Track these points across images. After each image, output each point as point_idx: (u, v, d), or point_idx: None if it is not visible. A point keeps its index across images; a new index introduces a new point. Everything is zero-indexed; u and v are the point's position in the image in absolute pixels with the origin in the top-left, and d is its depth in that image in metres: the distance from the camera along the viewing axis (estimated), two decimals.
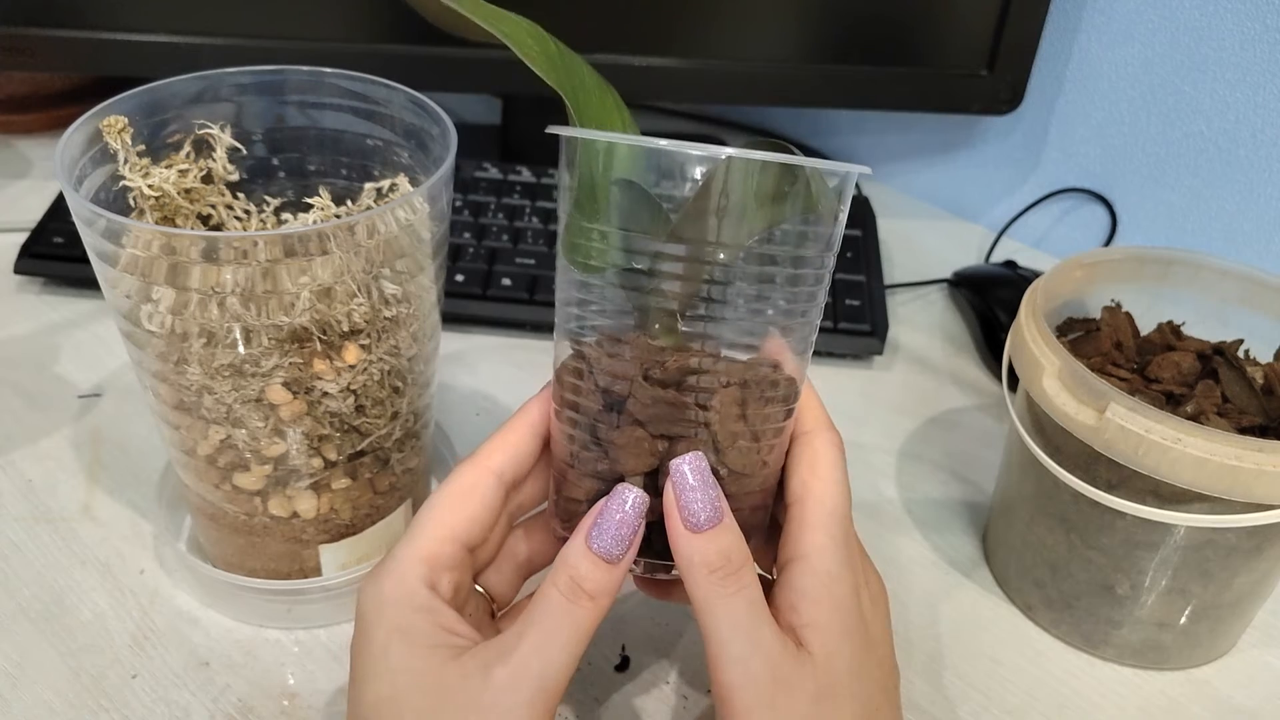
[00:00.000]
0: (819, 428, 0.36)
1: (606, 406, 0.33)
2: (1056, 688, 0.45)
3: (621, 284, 0.33)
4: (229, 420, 0.38)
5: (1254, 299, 0.48)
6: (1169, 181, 0.69)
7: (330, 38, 0.66)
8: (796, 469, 0.35)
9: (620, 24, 0.66)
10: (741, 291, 0.32)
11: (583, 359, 0.34)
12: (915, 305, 0.69)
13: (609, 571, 0.32)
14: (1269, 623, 0.48)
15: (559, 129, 0.33)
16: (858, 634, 0.33)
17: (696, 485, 0.32)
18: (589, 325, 0.34)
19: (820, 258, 0.33)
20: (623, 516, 0.32)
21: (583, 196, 0.32)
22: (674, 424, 0.33)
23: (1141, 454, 0.39)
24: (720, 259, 0.31)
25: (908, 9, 0.66)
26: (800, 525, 0.34)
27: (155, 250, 0.35)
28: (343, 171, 0.45)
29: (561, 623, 0.32)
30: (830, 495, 0.34)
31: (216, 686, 0.43)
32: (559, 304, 0.35)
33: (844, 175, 0.32)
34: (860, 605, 0.34)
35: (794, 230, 0.32)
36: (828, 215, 0.33)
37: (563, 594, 0.32)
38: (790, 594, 0.33)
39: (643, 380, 0.32)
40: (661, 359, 0.33)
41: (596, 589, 0.32)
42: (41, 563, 0.47)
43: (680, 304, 0.32)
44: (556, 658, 0.32)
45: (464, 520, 0.35)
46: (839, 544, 0.34)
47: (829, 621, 0.33)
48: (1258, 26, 0.62)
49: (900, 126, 0.80)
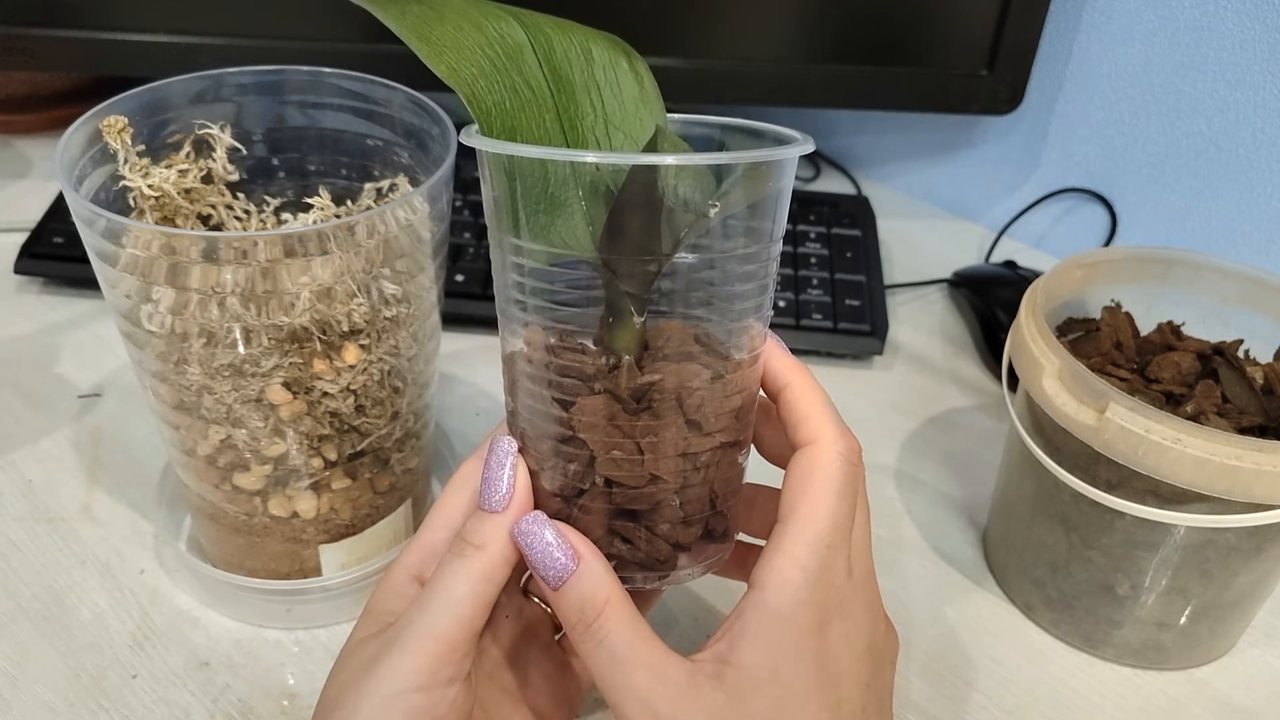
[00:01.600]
0: (824, 438, 0.32)
1: (515, 402, 0.33)
2: (1056, 688, 0.45)
3: (544, 284, 0.31)
4: (229, 420, 0.38)
5: (1254, 299, 0.48)
6: (1169, 181, 0.69)
7: (330, 38, 0.66)
8: (790, 484, 0.32)
9: (620, 24, 0.66)
10: (682, 288, 0.31)
11: (506, 359, 0.33)
12: (915, 305, 0.69)
13: (490, 520, 0.32)
14: (1269, 623, 0.48)
15: (468, 139, 0.30)
16: (799, 677, 0.30)
17: (535, 543, 0.31)
18: (515, 320, 0.33)
19: (764, 249, 0.32)
20: (491, 465, 0.32)
21: (500, 208, 0.31)
22: (548, 424, 0.32)
23: (1141, 454, 0.39)
24: (652, 264, 0.30)
25: (908, 9, 0.66)
26: (773, 550, 0.31)
27: (155, 250, 0.35)
28: (343, 171, 0.45)
29: (444, 574, 0.32)
30: (815, 520, 0.31)
31: (216, 686, 0.43)
32: (496, 289, 0.33)
33: (772, 162, 0.30)
34: (823, 645, 0.31)
35: (738, 220, 0.31)
36: (705, 212, 0.30)
37: (451, 552, 0.32)
38: (735, 624, 0.31)
39: (526, 379, 0.32)
40: (547, 358, 0.31)
41: (480, 538, 0.32)
42: (41, 563, 0.47)
43: (634, 300, 0.31)
44: (433, 607, 0.31)
45: (458, 506, 0.35)
46: (810, 578, 0.30)
47: (756, 664, 0.30)
48: (1258, 26, 0.62)
49: (900, 126, 0.80)
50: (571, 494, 0.32)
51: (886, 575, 0.35)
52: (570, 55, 0.32)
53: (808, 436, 0.33)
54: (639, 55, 0.34)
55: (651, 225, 0.30)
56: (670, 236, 0.30)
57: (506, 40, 0.31)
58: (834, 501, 0.31)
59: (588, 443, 0.31)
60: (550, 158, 0.30)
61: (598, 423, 0.31)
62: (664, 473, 0.32)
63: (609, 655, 0.30)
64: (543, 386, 0.32)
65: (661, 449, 0.31)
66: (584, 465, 0.32)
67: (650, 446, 0.31)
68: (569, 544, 0.31)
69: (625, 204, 0.30)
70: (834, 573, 0.31)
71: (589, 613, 0.31)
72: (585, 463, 0.32)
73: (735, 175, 0.30)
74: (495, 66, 0.31)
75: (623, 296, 0.31)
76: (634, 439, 0.31)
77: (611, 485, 0.32)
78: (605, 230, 0.30)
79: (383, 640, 0.32)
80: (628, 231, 0.30)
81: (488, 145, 0.30)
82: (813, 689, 0.31)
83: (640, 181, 0.29)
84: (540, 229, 0.31)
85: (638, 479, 0.32)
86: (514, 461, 0.33)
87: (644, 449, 0.31)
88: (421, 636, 0.31)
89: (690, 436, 0.32)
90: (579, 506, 0.32)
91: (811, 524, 0.31)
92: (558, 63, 0.32)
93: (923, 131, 0.79)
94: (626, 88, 0.33)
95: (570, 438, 0.32)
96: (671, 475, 0.32)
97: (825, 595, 0.31)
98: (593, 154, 0.30)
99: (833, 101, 0.72)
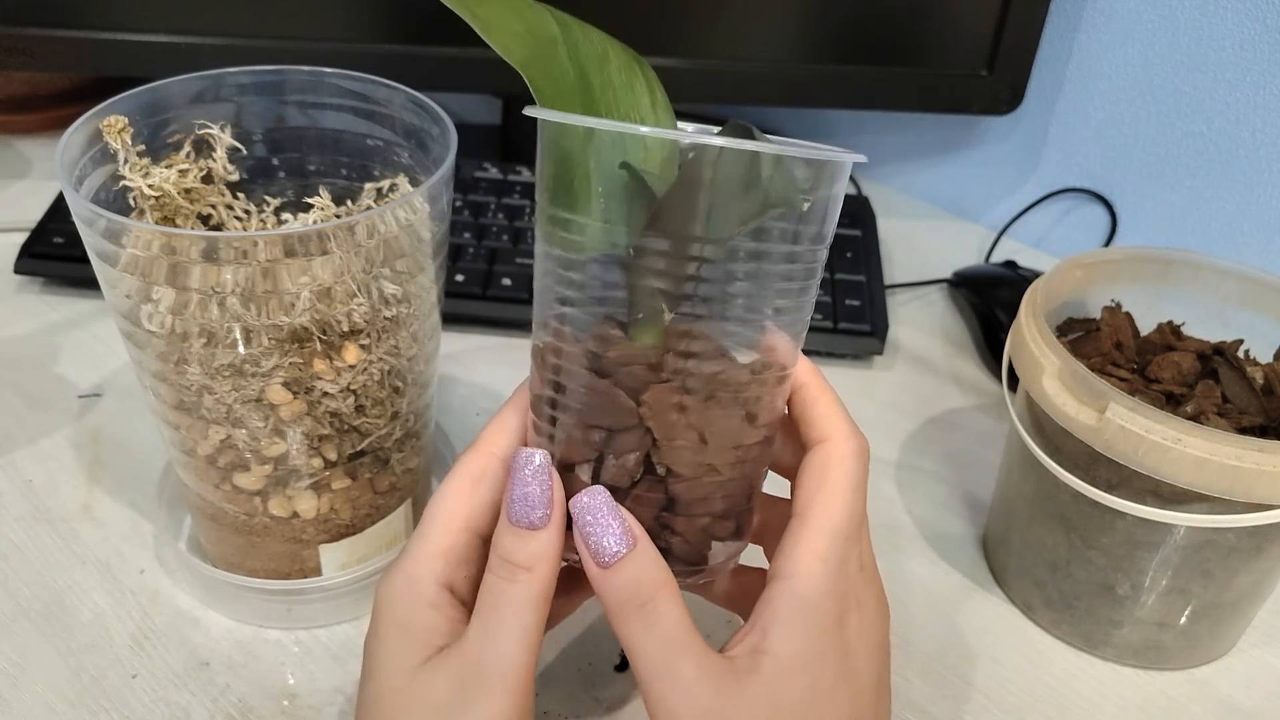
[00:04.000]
0: (839, 436, 0.33)
1: (557, 394, 0.33)
2: (1056, 688, 0.45)
3: (599, 275, 0.32)
4: (229, 420, 0.38)
5: (1254, 299, 0.48)
6: (1169, 181, 0.69)
7: (330, 38, 0.66)
8: (806, 479, 0.33)
9: (620, 24, 0.66)
10: (726, 285, 0.31)
11: (549, 347, 0.33)
12: (915, 305, 0.69)
13: (533, 539, 0.31)
14: (1269, 623, 0.48)
15: (533, 110, 0.31)
16: (827, 666, 0.31)
17: (596, 518, 0.31)
18: (562, 313, 0.33)
19: (811, 251, 0.32)
20: (523, 481, 0.31)
21: (555, 182, 0.31)
22: (608, 415, 0.32)
23: (1141, 454, 0.39)
24: (703, 252, 0.30)
25: (908, 9, 0.66)
26: (795, 542, 0.32)
27: (155, 250, 0.35)
28: (343, 171, 0.45)
29: (500, 602, 0.31)
30: (834, 513, 0.32)
31: (216, 686, 0.43)
32: (536, 289, 0.34)
33: (827, 164, 0.31)
34: (844, 635, 0.32)
35: (785, 222, 0.31)
36: (798, 206, 0.31)
37: (497, 575, 0.31)
38: (765, 615, 0.31)
39: (584, 369, 0.32)
40: (605, 349, 0.32)
41: (527, 559, 0.31)
42: (41, 563, 0.47)
43: (666, 297, 0.31)
44: (506, 640, 0.31)
45: (476, 509, 0.34)
46: (831, 569, 0.31)
47: (792, 653, 0.31)
48: (1258, 26, 0.62)
49: (900, 126, 0.80)
50: (624, 486, 0.32)
51: (887, 575, 0.36)
52: (592, 54, 0.33)
53: (822, 434, 0.34)
54: (649, 65, 0.34)
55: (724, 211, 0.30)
56: (729, 224, 0.30)
57: (540, 32, 0.32)
58: (850, 496, 0.33)
59: (653, 431, 0.31)
60: (659, 136, 0.30)
61: (666, 412, 0.31)
62: (719, 464, 0.32)
63: (660, 639, 0.30)
64: (605, 377, 0.32)
65: (722, 440, 0.32)
66: (643, 455, 0.32)
67: (713, 436, 0.32)
68: (627, 523, 0.31)
69: (689, 186, 0.29)
70: (850, 565, 0.32)
71: (644, 592, 0.30)
72: (644, 453, 0.32)
73: (824, 173, 0.31)
74: (534, 55, 0.31)
75: (654, 293, 0.31)
76: (698, 429, 0.32)
77: (668, 476, 0.32)
78: (657, 213, 0.30)
79: (458, 679, 0.31)
80: (685, 215, 0.30)
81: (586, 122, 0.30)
82: (838, 679, 0.31)
83: (735, 163, 0.29)
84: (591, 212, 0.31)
85: (696, 468, 0.32)
86: (551, 475, 0.32)
87: (706, 439, 0.32)
88: (505, 674, 0.30)
89: (746, 428, 0.33)
90: (632, 498, 0.32)
91: (829, 518, 0.32)
92: (582, 59, 0.33)
93: (923, 131, 0.79)
94: (639, 94, 0.34)
95: (633, 427, 0.32)
96: (725, 467, 0.33)
97: (845, 587, 0.32)
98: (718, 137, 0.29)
99: (833, 101, 0.72)
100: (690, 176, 0.30)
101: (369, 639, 0.33)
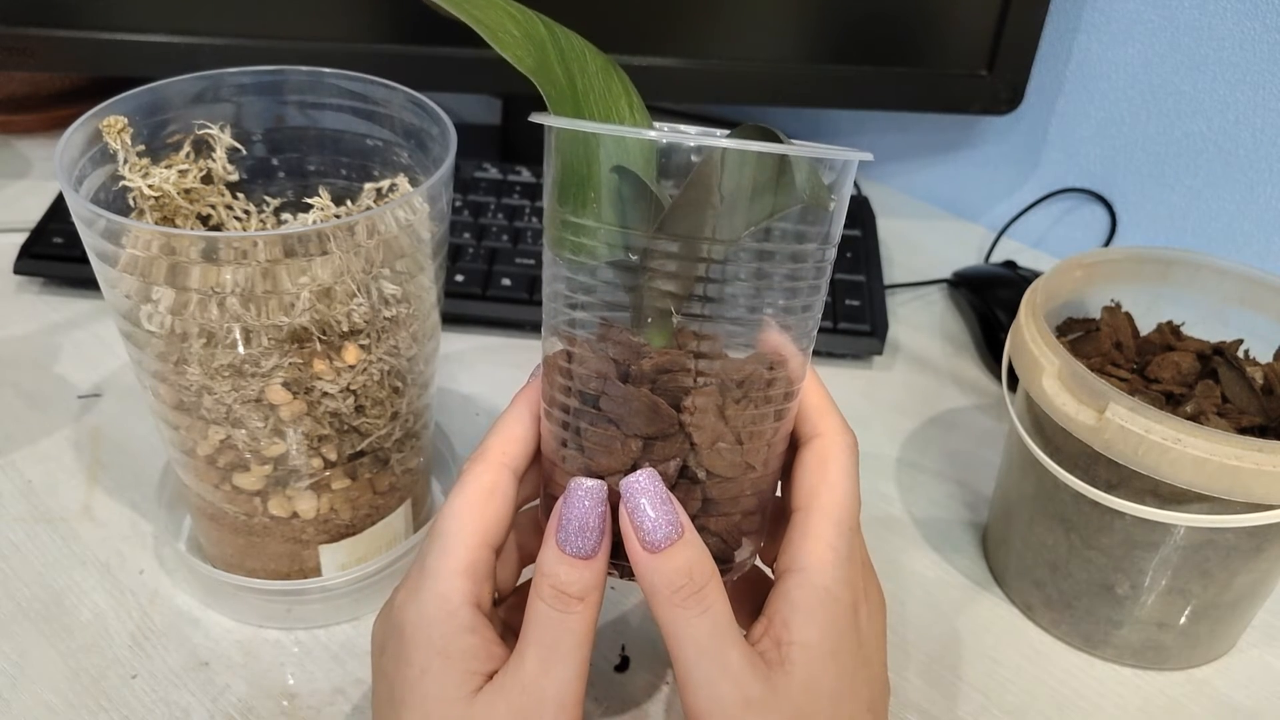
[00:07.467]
0: (832, 431, 0.34)
1: (585, 404, 0.32)
2: (1056, 688, 0.45)
3: (609, 280, 0.32)
4: (229, 420, 0.38)
5: (1254, 299, 0.48)
6: (1169, 181, 0.69)
7: (330, 38, 0.66)
8: (805, 474, 0.34)
9: (620, 24, 0.66)
10: (737, 286, 0.31)
11: (567, 356, 0.33)
12: (915, 305, 0.69)
13: (587, 568, 0.31)
14: (1269, 623, 0.48)
15: (541, 117, 0.31)
16: (848, 653, 0.32)
17: (650, 503, 0.31)
18: (574, 319, 0.33)
19: (820, 250, 0.32)
20: (583, 511, 0.31)
21: (567, 187, 0.31)
22: (649, 424, 0.31)
23: (1141, 454, 0.39)
24: (713, 254, 0.30)
25: (908, 9, 0.66)
26: (803, 534, 0.33)
27: (155, 250, 0.35)
28: (343, 171, 0.45)
29: (559, 635, 0.31)
30: (838, 505, 0.33)
31: (216, 686, 0.43)
32: (545, 296, 0.34)
33: (844, 163, 0.31)
34: (857, 623, 0.32)
35: (792, 222, 0.31)
36: (826, 205, 0.31)
37: (550, 605, 0.31)
38: (784, 607, 0.32)
39: (616, 378, 0.32)
40: (639, 356, 0.32)
41: (581, 589, 0.31)
42: (41, 563, 0.47)
43: (674, 299, 0.31)
44: (564, 672, 0.31)
45: (493, 523, 0.33)
46: (841, 558, 0.32)
47: (819, 641, 0.31)
48: (1258, 26, 0.62)
49: (900, 126, 0.80)
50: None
51: (886, 575, 0.36)
52: (574, 56, 0.33)
53: (814, 430, 0.35)
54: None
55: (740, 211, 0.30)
56: (739, 225, 0.30)
57: (535, 37, 0.32)
58: (851, 489, 0.34)
59: (693, 437, 0.32)
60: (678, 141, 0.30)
61: (708, 416, 0.32)
62: (756, 462, 0.33)
63: (710, 627, 0.30)
64: (642, 385, 0.31)
65: (757, 438, 0.33)
66: (681, 461, 0.32)
67: (750, 436, 0.32)
68: (676, 511, 0.31)
69: (704, 188, 0.30)
70: (856, 553, 0.33)
71: (698, 579, 0.31)
72: (683, 456, 0.32)
73: (845, 173, 0.31)
74: (540, 62, 0.32)
75: (662, 295, 0.31)
76: (735, 429, 0.32)
77: (707, 479, 0.32)
78: (671, 214, 0.30)
79: (518, 712, 0.30)
80: (696, 214, 0.30)
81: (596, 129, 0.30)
82: (858, 665, 0.32)
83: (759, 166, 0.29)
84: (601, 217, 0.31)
85: (735, 468, 0.32)
86: (606, 504, 0.31)
87: (742, 439, 0.32)
88: (564, 706, 0.30)
89: (774, 424, 0.33)
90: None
91: (834, 510, 0.33)
92: (568, 61, 0.33)
93: (923, 131, 0.79)
94: (616, 95, 0.34)
95: (673, 434, 0.32)
96: (760, 464, 0.33)
97: (853, 575, 0.33)
98: (725, 139, 0.30)
99: (833, 101, 0.72)
100: (702, 178, 0.30)
101: (401, 665, 0.32)
